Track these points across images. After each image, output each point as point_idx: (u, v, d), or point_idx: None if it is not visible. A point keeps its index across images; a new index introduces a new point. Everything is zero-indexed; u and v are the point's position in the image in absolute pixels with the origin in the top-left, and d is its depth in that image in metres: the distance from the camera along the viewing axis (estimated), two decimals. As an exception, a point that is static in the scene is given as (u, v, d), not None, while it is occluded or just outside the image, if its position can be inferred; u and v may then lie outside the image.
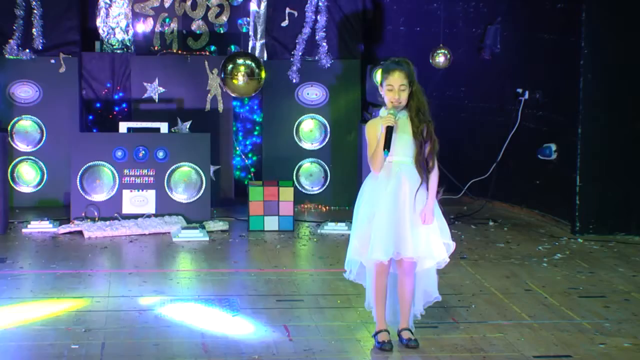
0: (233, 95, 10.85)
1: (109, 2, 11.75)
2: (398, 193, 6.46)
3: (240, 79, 10.44)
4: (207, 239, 9.74)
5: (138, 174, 10.44)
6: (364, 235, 6.52)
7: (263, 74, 10.47)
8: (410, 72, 6.49)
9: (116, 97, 11.64)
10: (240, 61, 10.57)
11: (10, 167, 10.88)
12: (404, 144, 6.47)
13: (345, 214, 10.81)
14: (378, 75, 10.23)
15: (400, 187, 6.46)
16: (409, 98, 6.49)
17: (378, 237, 6.44)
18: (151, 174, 10.44)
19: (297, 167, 11.48)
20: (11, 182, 10.92)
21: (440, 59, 10.99)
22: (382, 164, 6.49)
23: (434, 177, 6.52)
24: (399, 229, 6.43)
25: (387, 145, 6.41)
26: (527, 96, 10.94)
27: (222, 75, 10.62)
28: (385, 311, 6.64)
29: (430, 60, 10.99)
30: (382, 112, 6.51)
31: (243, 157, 11.69)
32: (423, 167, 6.49)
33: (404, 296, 6.62)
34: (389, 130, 6.41)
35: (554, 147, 10.52)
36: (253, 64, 10.57)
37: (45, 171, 11.21)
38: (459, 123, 11.81)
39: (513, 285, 8.18)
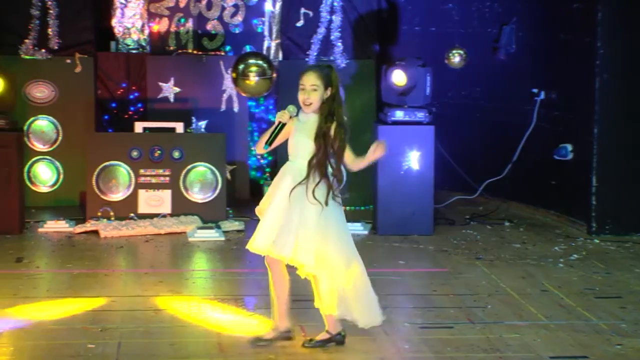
0: (244, 95, 10.87)
1: (124, 2, 11.77)
2: (280, 193, 6.42)
3: (251, 79, 10.46)
4: (223, 238, 9.74)
5: (154, 173, 10.45)
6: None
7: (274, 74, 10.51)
8: (326, 75, 6.45)
9: (131, 97, 11.65)
10: (251, 61, 10.59)
11: (27, 167, 10.90)
12: (304, 146, 6.44)
13: (360, 214, 10.80)
14: (394, 75, 10.23)
15: (284, 188, 6.43)
16: (324, 102, 6.44)
17: (260, 230, 6.41)
18: (167, 173, 10.45)
19: (312, 167, 11.45)
20: (27, 182, 10.95)
21: (456, 58, 10.97)
22: (260, 147, 6.49)
23: (349, 158, 6.54)
24: (266, 226, 6.40)
25: (270, 141, 6.42)
26: (542, 96, 10.91)
27: (234, 76, 10.64)
28: (275, 310, 6.58)
29: (446, 60, 10.98)
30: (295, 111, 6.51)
31: (258, 157, 11.69)
32: (316, 169, 6.38)
33: (273, 294, 6.56)
34: (279, 126, 6.41)
35: (570, 147, 10.49)
36: (264, 64, 10.58)
37: (61, 171, 11.23)
38: (474, 123, 11.79)
39: (529, 286, 8.17)
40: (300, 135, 6.45)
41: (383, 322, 6.89)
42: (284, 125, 6.44)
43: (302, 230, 6.33)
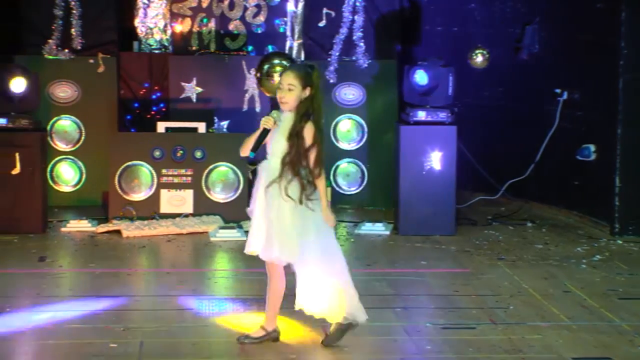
0: (268, 95, 10.90)
1: (147, 2, 11.80)
2: (259, 193, 6.53)
3: (276, 79, 10.50)
4: (245, 238, 9.71)
5: (176, 173, 10.48)
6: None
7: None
8: (305, 75, 6.45)
9: (154, 96, 11.68)
10: (276, 61, 10.62)
11: (50, 166, 10.95)
12: (279, 145, 6.44)
13: (382, 215, 10.79)
14: (416, 75, 10.22)
15: (261, 187, 6.53)
16: (301, 101, 6.44)
17: (250, 233, 6.64)
18: (189, 173, 10.48)
19: (334, 167, 11.48)
20: (50, 182, 10.99)
21: (479, 58, 10.94)
22: (246, 151, 6.51)
23: (321, 182, 6.43)
24: (255, 228, 6.55)
25: (255, 147, 6.46)
26: (565, 96, 10.87)
27: (258, 75, 10.68)
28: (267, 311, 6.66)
29: (469, 60, 10.95)
30: (274, 112, 6.55)
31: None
32: (288, 167, 6.38)
33: (267, 295, 6.63)
34: (264, 133, 6.44)
35: (593, 147, 10.45)
36: (289, 64, 10.60)
37: (83, 171, 11.28)
38: (496, 123, 11.76)
39: (551, 287, 8.14)
40: (277, 134, 6.46)
41: (401, 324, 6.93)
42: (268, 131, 6.46)
43: (280, 228, 6.40)
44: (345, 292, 6.51)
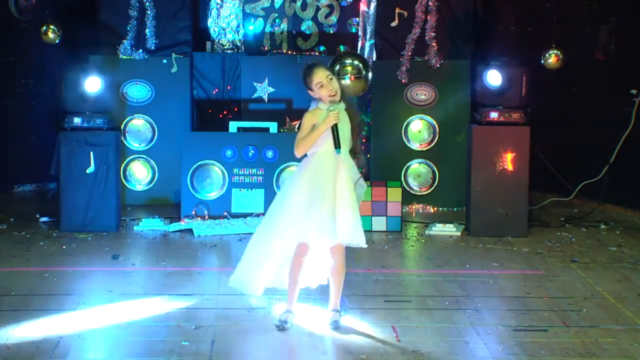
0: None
1: (220, 2, 11.87)
2: (336, 181, 6.77)
3: (347, 79, 10.48)
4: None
5: (247, 173, 10.53)
6: (299, 218, 6.81)
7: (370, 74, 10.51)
8: (328, 66, 7.03)
9: (226, 96, 11.75)
10: (347, 61, 10.61)
11: (123, 165, 11.07)
12: (343, 136, 6.78)
13: (453, 215, 10.74)
14: (489, 75, 10.14)
15: (339, 176, 6.78)
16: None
17: (322, 221, 6.71)
18: (260, 173, 10.52)
19: (405, 167, 11.45)
20: (123, 180, 11.12)
21: (552, 59, 10.83)
22: (306, 151, 6.83)
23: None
24: (337, 215, 6.73)
25: (337, 144, 6.74)
26: (641, 97, 10.75)
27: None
28: (296, 292, 6.93)
29: (542, 61, 10.84)
30: (322, 105, 6.83)
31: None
32: (354, 153, 6.90)
33: (334, 279, 6.94)
34: (336, 128, 6.74)
35: (669, 149, 10.32)
36: (360, 64, 10.58)
37: (156, 170, 11.39)
38: (570, 124, 11.64)
39: (625, 290, 8.03)
40: (340, 126, 6.77)
41: (476, 324, 6.90)
42: (337, 125, 6.77)
43: (355, 212, 6.81)
44: None
